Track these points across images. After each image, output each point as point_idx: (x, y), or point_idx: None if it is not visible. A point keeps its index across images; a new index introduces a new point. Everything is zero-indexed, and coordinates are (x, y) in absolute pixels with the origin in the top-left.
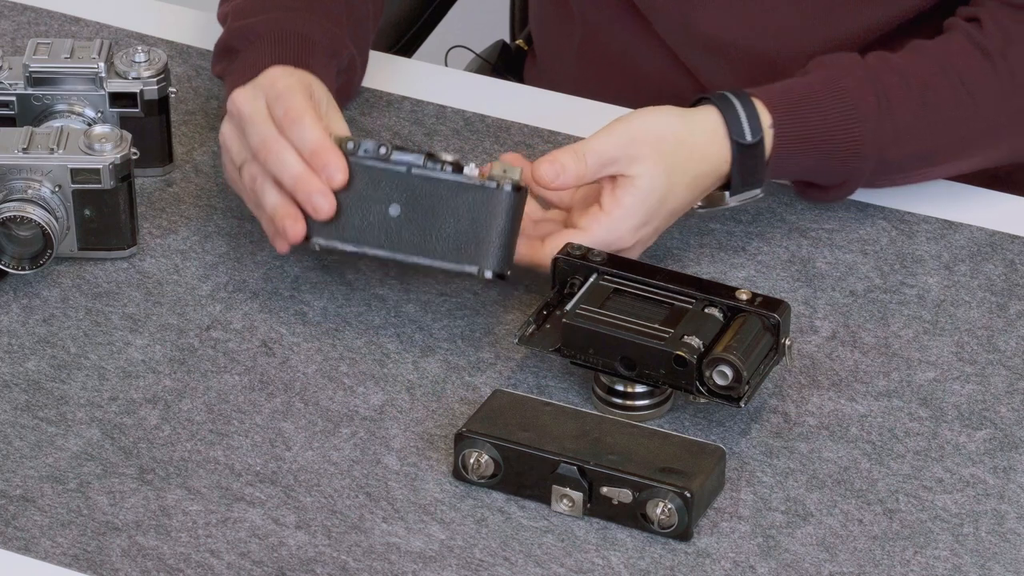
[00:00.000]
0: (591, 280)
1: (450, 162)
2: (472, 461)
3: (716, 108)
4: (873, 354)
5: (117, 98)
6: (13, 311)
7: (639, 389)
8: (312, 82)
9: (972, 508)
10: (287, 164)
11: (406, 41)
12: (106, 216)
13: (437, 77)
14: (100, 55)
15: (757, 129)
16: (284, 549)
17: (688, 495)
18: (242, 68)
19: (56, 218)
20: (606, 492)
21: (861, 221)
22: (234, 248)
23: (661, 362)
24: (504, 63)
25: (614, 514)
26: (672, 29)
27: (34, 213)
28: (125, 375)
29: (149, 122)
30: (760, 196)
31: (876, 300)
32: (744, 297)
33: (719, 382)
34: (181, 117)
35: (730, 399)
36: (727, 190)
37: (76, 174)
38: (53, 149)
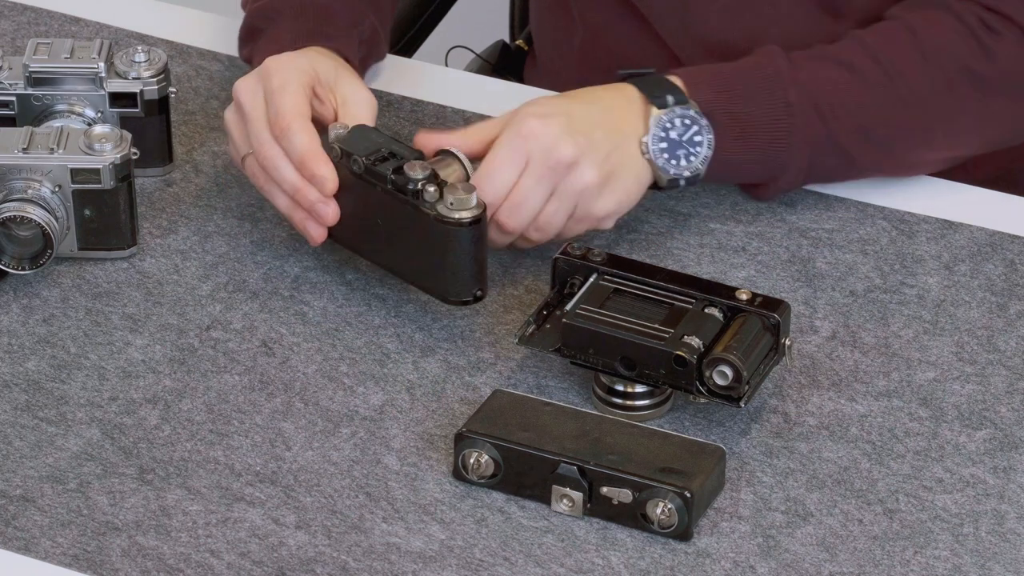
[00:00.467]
0: (591, 280)
1: (415, 182)
2: (472, 461)
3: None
4: (873, 354)
5: (117, 98)
6: (13, 311)
7: (639, 389)
8: (317, 63)
9: (972, 508)
10: (284, 175)
11: (406, 41)
12: (106, 216)
13: (437, 77)
14: (100, 55)
15: (648, 70)
16: (284, 549)
17: (688, 495)
18: (266, 46)
19: (56, 218)
20: (606, 492)
21: (861, 221)
22: (234, 248)
23: (661, 362)
24: (504, 63)
25: (614, 514)
26: (672, 30)
27: (34, 213)
28: (125, 375)
29: (149, 122)
30: (703, 121)
31: (876, 300)
32: (744, 297)
33: (719, 382)
34: (181, 117)
35: (730, 399)
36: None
37: (76, 174)
38: (53, 149)
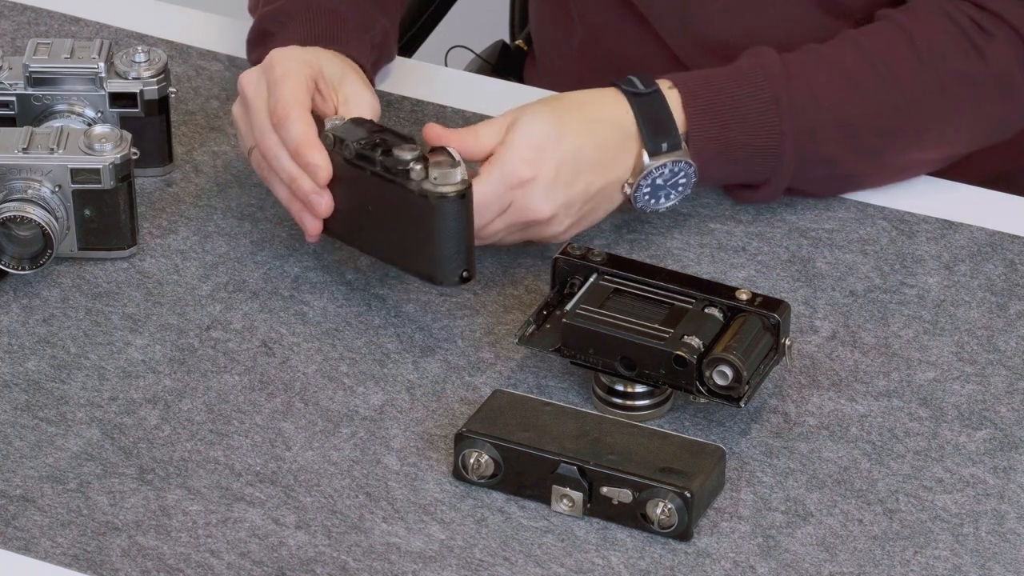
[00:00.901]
0: (591, 280)
1: (403, 162)
2: (472, 461)
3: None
4: (873, 354)
5: (117, 98)
6: (13, 311)
7: (639, 389)
8: (322, 60)
9: (972, 508)
10: (282, 164)
11: (406, 41)
12: (106, 216)
13: (437, 77)
14: (100, 55)
15: (650, 83)
16: (284, 549)
17: (688, 495)
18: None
19: (56, 218)
20: (606, 492)
21: (861, 221)
22: (234, 248)
23: (661, 362)
24: (504, 63)
25: (614, 514)
26: (672, 30)
27: (34, 213)
28: (125, 375)
29: (149, 122)
30: (689, 163)
31: (876, 300)
32: (744, 297)
33: (719, 382)
34: (181, 117)
35: (730, 399)
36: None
37: (76, 174)
38: (53, 149)
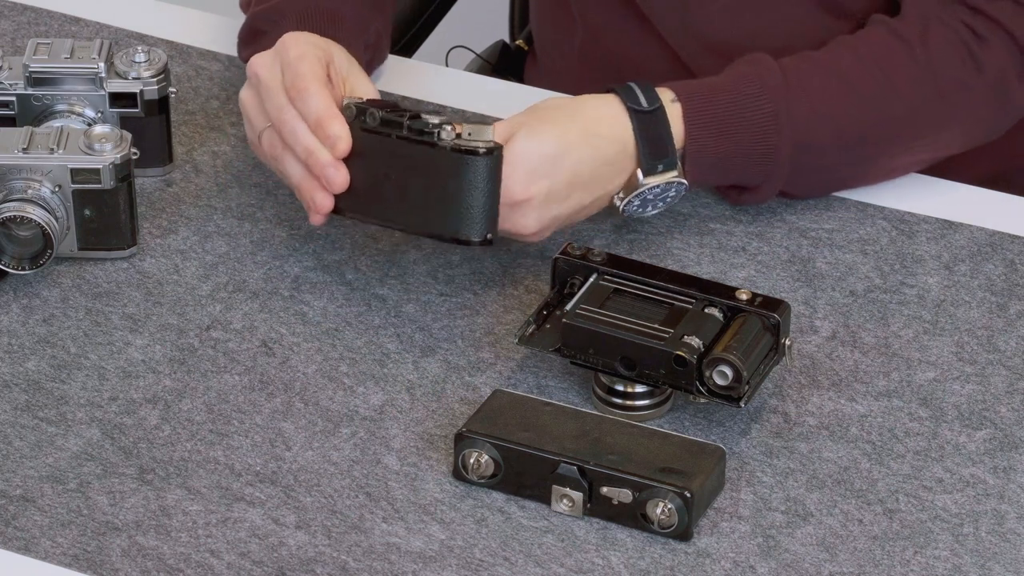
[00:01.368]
0: (591, 280)
1: (432, 125)
2: (472, 461)
3: (614, 91)
4: (873, 354)
5: (117, 98)
6: (13, 311)
7: (639, 389)
8: (333, 48)
9: (972, 508)
10: (299, 137)
11: (406, 41)
12: (106, 216)
13: (437, 77)
14: (100, 55)
15: (654, 99)
16: (284, 549)
17: (688, 495)
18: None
19: (56, 218)
20: (606, 492)
21: (861, 221)
22: (234, 248)
23: (661, 362)
24: (504, 63)
25: (614, 514)
26: (673, 29)
27: (34, 213)
28: (125, 375)
29: (149, 122)
30: (683, 184)
31: (876, 300)
32: (744, 297)
33: (719, 382)
34: (181, 117)
35: (730, 399)
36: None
37: (76, 174)
38: (53, 149)
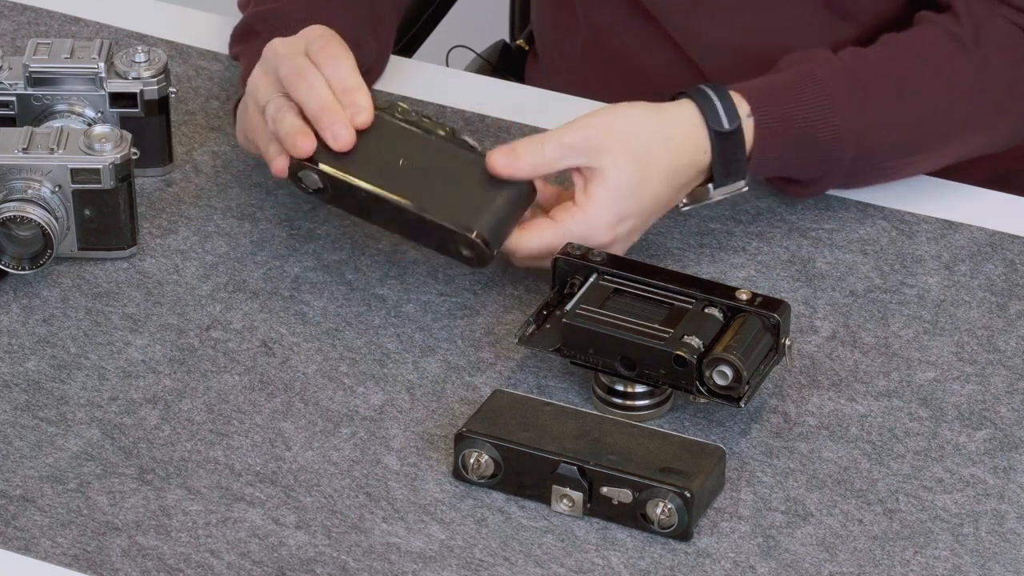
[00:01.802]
0: (591, 280)
1: (470, 144)
2: (472, 461)
3: (692, 100)
4: (873, 354)
5: (117, 98)
6: (13, 311)
7: (639, 389)
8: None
9: (972, 508)
10: (317, 91)
11: (406, 41)
12: (106, 216)
13: (437, 77)
14: (100, 55)
15: (734, 117)
16: (284, 549)
17: (688, 495)
18: (261, 50)
19: (56, 218)
20: (606, 492)
21: (861, 221)
22: (234, 248)
23: (661, 362)
24: (505, 63)
25: (614, 514)
26: (680, 29)
27: (34, 213)
28: (125, 375)
29: (149, 122)
30: (744, 189)
31: (876, 300)
32: (744, 297)
33: (719, 382)
34: (181, 117)
35: (730, 399)
36: (711, 183)
37: (76, 174)
38: (53, 149)
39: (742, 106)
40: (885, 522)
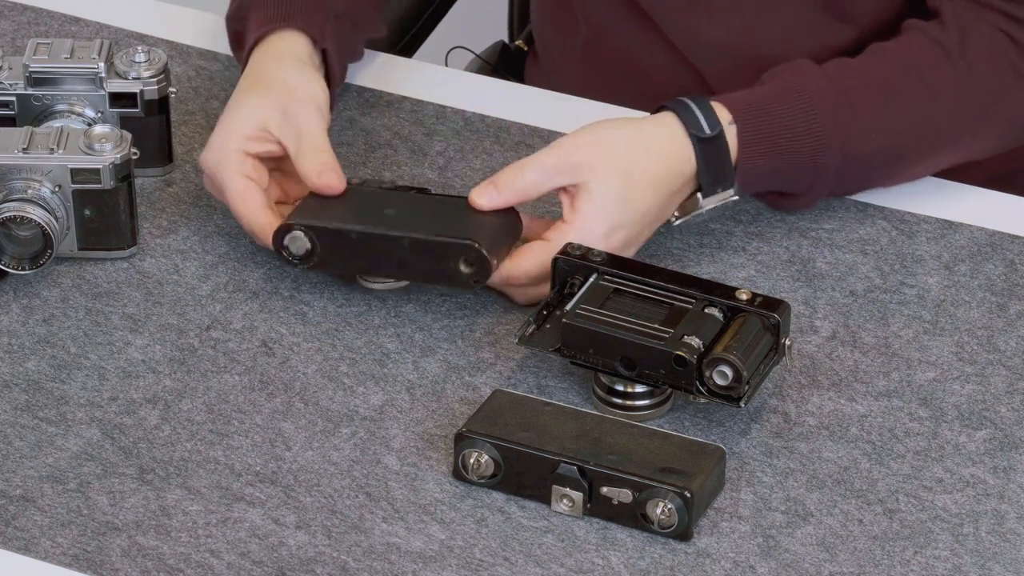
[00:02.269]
0: (591, 280)
1: (452, 195)
2: (472, 461)
3: (672, 111)
4: (873, 354)
5: (117, 98)
6: (13, 311)
7: (639, 389)
8: (257, 122)
9: (972, 508)
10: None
11: (406, 41)
12: (106, 216)
13: (437, 77)
14: (100, 55)
15: (715, 123)
16: (284, 549)
17: (688, 495)
18: (246, 44)
19: (56, 218)
20: (606, 492)
21: (861, 221)
22: (234, 248)
23: (661, 362)
24: (504, 63)
25: (614, 514)
26: (678, 31)
27: (34, 213)
28: (125, 375)
29: (149, 122)
30: (734, 198)
31: (876, 300)
32: (744, 297)
33: (719, 382)
34: (181, 117)
35: (730, 399)
36: (700, 192)
37: (76, 174)
38: (53, 149)
39: (723, 114)
40: (885, 522)
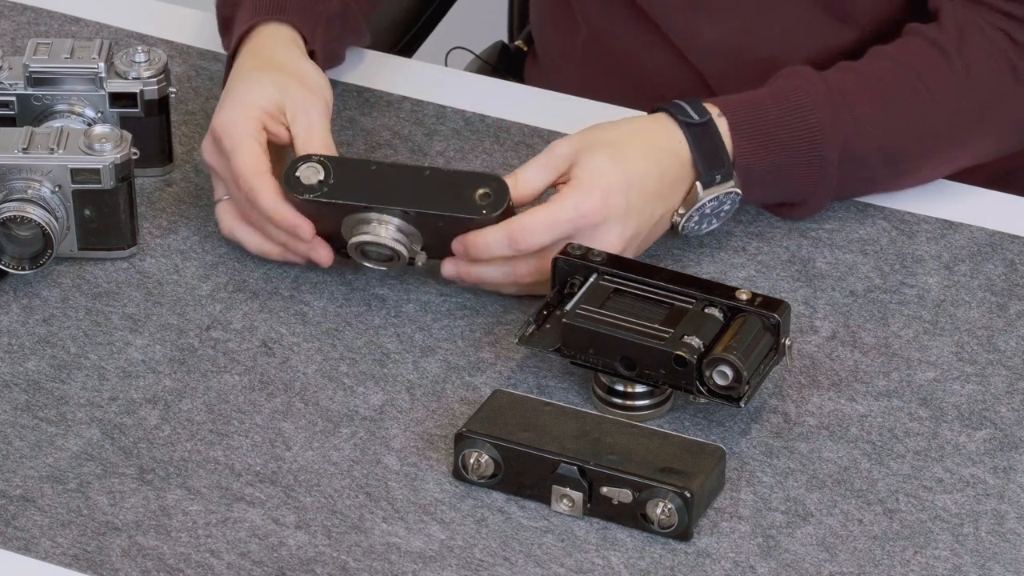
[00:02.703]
0: (591, 280)
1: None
2: (472, 461)
3: (660, 109)
4: (873, 354)
5: (117, 98)
6: (13, 311)
7: (639, 389)
8: (263, 102)
9: (972, 508)
10: (271, 233)
11: (406, 41)
12: (106, 216)
13: (437, 77)
14: (100, 55)
15: (703, 112)
16: (284, 549)
17: (688, 495)
18: (236, 31)
19: (56, 218)
20: (606, 492)
21: (861, 221)
22: (234, 248)
23: (661, 362)
24: (504, 64)
25: (614, 514)
26: (678, 31)
27: (34, 213)
28: (125, 375)
29: (149, 122)
30: (737, 194)
31: (876, 300)
32: (744, 297)
33: (719, 382)
34: (181, 117)
35: (730, 399)
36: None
37: (76, 174)
38: (53, 149)
39: (712, 108)
40: (885, 522)
